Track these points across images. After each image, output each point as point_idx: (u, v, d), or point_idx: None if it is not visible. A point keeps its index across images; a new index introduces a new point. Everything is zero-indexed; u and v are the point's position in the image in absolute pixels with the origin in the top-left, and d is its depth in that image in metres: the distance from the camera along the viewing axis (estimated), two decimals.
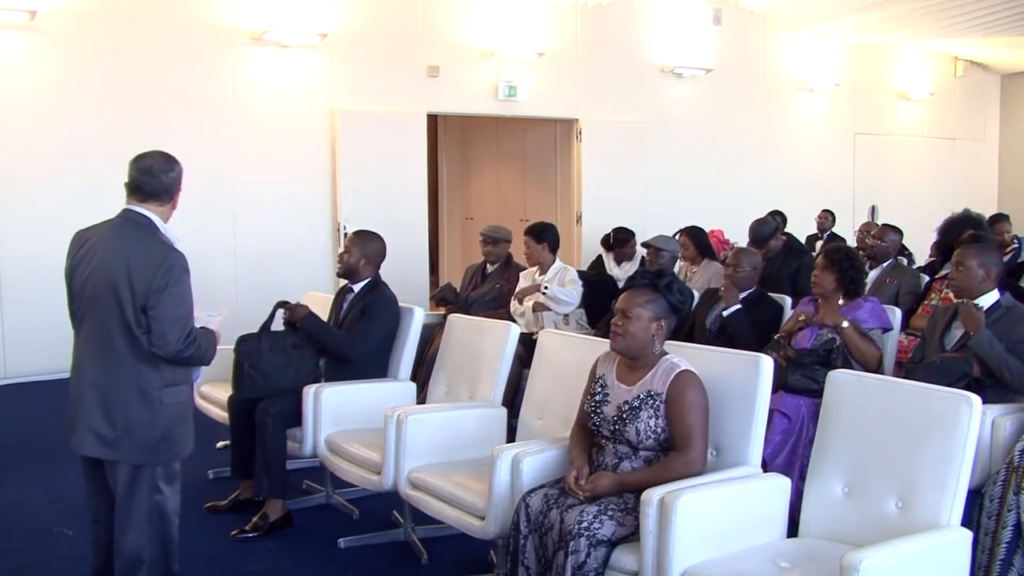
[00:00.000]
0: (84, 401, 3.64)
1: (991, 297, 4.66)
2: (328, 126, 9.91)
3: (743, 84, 12.76)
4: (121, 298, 3.53)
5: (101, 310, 3.59)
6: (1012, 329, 4.51)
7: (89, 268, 3.66)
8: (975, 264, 4.66)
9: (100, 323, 3.60)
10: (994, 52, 14.38)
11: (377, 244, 5.55)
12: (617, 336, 3.71)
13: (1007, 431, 4.25)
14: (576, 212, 11.53)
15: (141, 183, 3.90)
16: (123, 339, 3.56)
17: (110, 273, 3.57)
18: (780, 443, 4.59)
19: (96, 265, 3.64)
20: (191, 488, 5.61)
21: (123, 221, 3.80)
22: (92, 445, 3.64)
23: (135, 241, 3.66)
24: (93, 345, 3.65)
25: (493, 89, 10.84)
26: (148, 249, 3.62)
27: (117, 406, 3.60)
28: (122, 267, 3.55)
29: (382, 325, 5.34)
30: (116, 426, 3.61)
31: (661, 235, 7.27)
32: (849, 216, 13.08)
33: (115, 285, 3.54)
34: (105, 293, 3.57)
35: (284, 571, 4.56)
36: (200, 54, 9.29)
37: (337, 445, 4.88)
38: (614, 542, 3.40)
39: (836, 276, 5.06)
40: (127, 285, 3.53)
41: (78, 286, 3.71)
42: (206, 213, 9.32)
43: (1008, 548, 3.93)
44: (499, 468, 3.82)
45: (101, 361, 3.63)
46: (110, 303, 3.56)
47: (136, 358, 3.58)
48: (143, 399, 3.62)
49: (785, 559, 3.33)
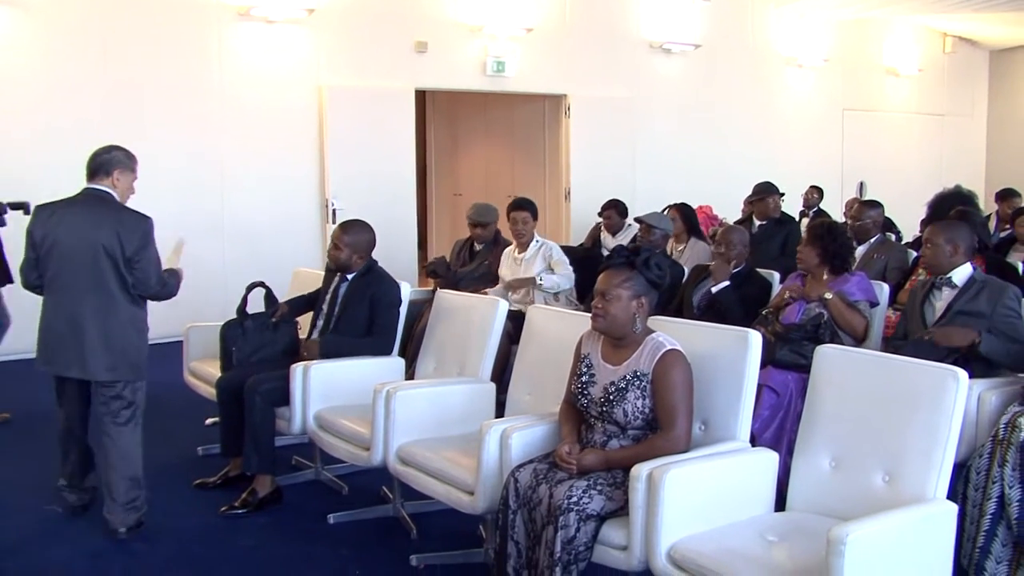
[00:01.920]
0: (85, 338, 4.56)
1: (963, 271, 4.72)
2: (315, 102, 9.86)
3: (732, 60, 12.73)
4: (114, 255, 4.51)
5: (88, 267, 4.53)
6: (993, 304, 4.56)
7: (64, 235, 4.57)
8: (942, 241, 4.73)
9: (91, 277, 4.54)
10: (983, 28, 14.37)
11: (366, 235, 5.37)
12: (598, 317, 3.70)
13: (992, 405, 4.27)
14: (565, 188, 11.51)
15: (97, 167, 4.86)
16: (116, 286, 4.57)
17: (98, 237, 4.52)
18: (768, 418, 4.61)
19: (74, 232, 4.57)
20: (180, 465, 5.66)
21: (91, 197, 4.72)
22: (100, 371, 4.60)
23: (117, 212, 4.67)
24: (83, 294, 4.56)
25: (481, 65, 10.80)
26: (131, 218, 4.65)
27: (116, 337, 4.60)
28: (112, 232, 4.52)
29: (396, 312, 5.30)
30: (115, 352, 4.59)
31: (655, 212, 7.26)
32: (838, 192, 13.09)
33: (106, 246, 4.50)
34: (94, 253, 4.52)
35: (274, 547, 4.57)
36: (186, 30, 9.23)
37: (326, 421, 4.88)
38: (603, 517, 3.42)
39: (819, 251, 5.08)
40: (118, 245, 4.51)
41: (45, 251, 4.61)
42: (193, 190, 9.30)
43: (992, 519, 3.97)
44: (488, 443, 3.82)
45: (98, 304, 4.57)
46: (102, 260, 4.52)
47: (127, 300, 4.62)
48: (134, 330, 4.69)
49: (773, 533, 3.35)
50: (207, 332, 6.07)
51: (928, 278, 4.92)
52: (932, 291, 4.78)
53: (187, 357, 6.02)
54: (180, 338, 6.15)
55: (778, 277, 5.98)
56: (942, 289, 4.74)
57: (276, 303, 5.59)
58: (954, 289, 4.69)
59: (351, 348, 5.17)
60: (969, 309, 4.58)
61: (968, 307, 4.59)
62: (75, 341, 4.57)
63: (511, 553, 3.55)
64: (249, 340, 5.34)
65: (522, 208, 6.92)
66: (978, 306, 4.56)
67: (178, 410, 6.63)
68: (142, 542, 4.58)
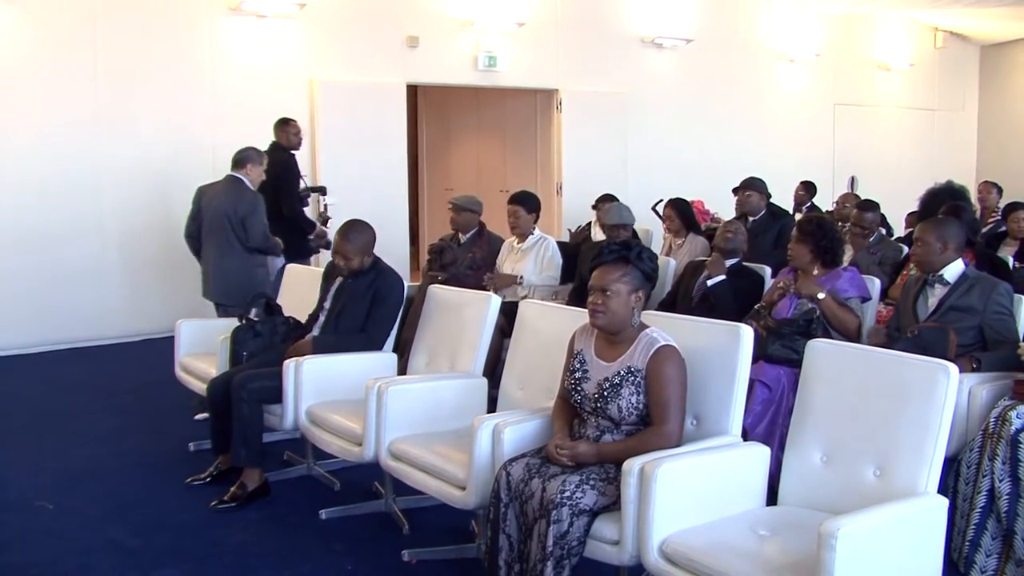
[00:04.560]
0: (212, 273, 6.88)
1: (955, 268, 4.75)
2: (307, 97, 9.85)
3: (723, 54, 12.75)
4: (232, 218, 6.75)
5: (216, 225, 6.81)
6: (985, 300, 4.58)
7: (207, 203, 6.92)
8: (932, 239, 4.75)
9: (218, 231, 6.80)
10: (974, 23, 14.39)
11: (367, 234, 5.30)
12: (597, 313, 3.68)
13: (983, 399, 4.29)
14: (556, 183, 11.52)
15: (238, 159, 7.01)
16: (233, 238, 6.78)
17: (222, 205, 6.82)
18: (760, 412, 4.62)
19: (212, 201, 6.89)
20: (171, 461, 5.65)
21: (228, 180, 6.98)
22: (219, 295, 6.82)
23: (240, 190, 6.86)
24: (213, 243, 6.85)
25: (473, 59, 10.80)
26: (246, 194, 6.85)
27: (231, 273, 6.77)
28: (232, 202, 6.79)
29: (395, 308, 5.29)
30: (230, 284, 6.73)
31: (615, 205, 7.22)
32: (829, 187, 13.10)
33: (227, 212, 6.77)
34: (220, 216, 6.80)
35: (266, 542, 4.57)
36: (178, 25, 9.22)
37: (318, 416, 4.87)
38: (596, 511, 3.42)
39: (811, 248, 5.09)
40: (234, 212, 6.77)
41: (200, 212, 6.95)
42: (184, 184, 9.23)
43: (982, 512, 4.00)
44: (480, 438, 3.82)
45: (220, 250, 6.81)
46: (223, 221, 6.78)
47: (241, 249, 6.79)
48: (246, 270, 6.80)
49: (764, 527, 3.35)
50: (198, 327, 6.08)
51: (920, 274, 4.94)
52: (925, 288, 4.80)
53: (179, 352, 6.00)
54: (171, 333, 6.13)
55: (769, 272, 6.00)
56: (934, 286, 4.77)
57: (277, 313, 5.58)
58: (946, 286, 4.72)
59: (343, 344, 5.16)
60: (961, 305, 4.61)
61: (960, 303, 4.61)
62: (208, 275, 6.92)
63: (503, 546, 3.55)
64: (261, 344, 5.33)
65: (512, 203, 7.01)
66: (970, 302, 4.59)
67: (170, 405, 6.63)
68: (134, 537, 4.57)
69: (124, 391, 7.31)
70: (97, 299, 8.92)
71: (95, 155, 8.87)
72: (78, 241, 8.84)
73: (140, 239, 9.09)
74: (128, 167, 9.00)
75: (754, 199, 7.72)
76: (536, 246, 6.89)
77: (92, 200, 8.88)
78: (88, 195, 8.86)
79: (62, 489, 5.22)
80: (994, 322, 4.55)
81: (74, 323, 8.78)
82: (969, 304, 4.59)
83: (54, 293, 8.70)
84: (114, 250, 9.03)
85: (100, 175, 8.90)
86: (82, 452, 5.85)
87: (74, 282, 8.82)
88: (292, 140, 8.41)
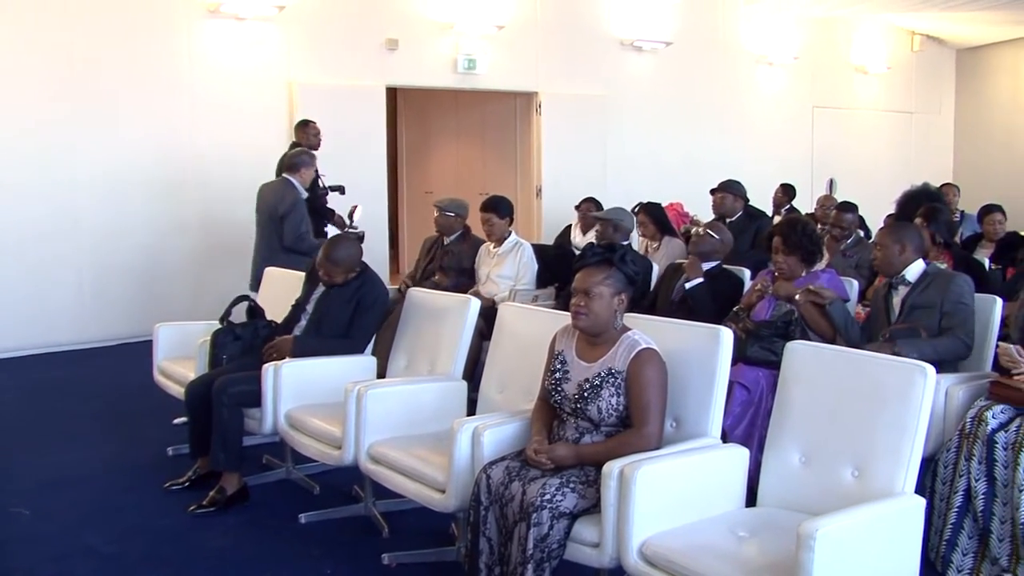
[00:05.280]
0: (257, 269, 7.12)
1: (915, 268, 4.81)
2: (286, 99, 9.83)
3: (703, 57, 12.78)
4: (274, 216, 7.35)
5: (262, 221, 7.54)
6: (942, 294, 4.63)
7: (259, 200, 7.67)
8: (890, 242, 4.83)
9: (264, 227, 7.54)
10: (950, 27, 14.49)
11: (351, 250, 5.28)
12: (581, 315, 3.69)
13: (960, 400, 4.32)
14: (536, 186, 11.52)
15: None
16: (274, 235, 7.35)
17: (267, 203, 7.51)
18: (740, 414, 4.63)
19: (262, 199, 7.65)
20: (150, 465, 5.63)
21: (278, 180, 7.68)
22: (256, 287, 6.75)
23: (285, 190, 7.45)
24: (260, 237, 7.58)
25: (452, 62, 10.79)
26: (289, 194, 7.41)
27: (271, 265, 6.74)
28: (275, 202, 7.40)
29: (379, 317, 5.28)
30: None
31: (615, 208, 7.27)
32: (808, 189, 13.15)
33: (270, 209, 7.41)
34: (266, 213, 7.46)
35: (245, 547, 4.55)
36: (155, 27, 9.18)
37: (297, 420, 4.85)
38: (576, 514, 3.42)
39: (800, 257, 5.08)
40: (275, 210, 7.34)
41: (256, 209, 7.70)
42: (162, 188, 9.25)
43: (959, 512, 4.03)
44: (459, 441, 3.82)
45: (265, 244, 7.48)
46: (266, 217, 7.45)
47: (279, 245, 7.30)
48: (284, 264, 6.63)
49: (743, 528, 3.36)
50: (176, 331, 6.04)
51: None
52: (891, 290, 4.86)
53: (156, 356, 5.97)
54: (149, 337, 6.10)
55: (748, 273, 6.01)
56: (898, 288, 4.83)
57: (258, 316, 5.55)
58: (908, 286, 4.77)
59: (325, 348, 5.14)
60: (921, 302, 4.67)
61: (920, 300, 4.68)
62: (253, 269, 7.40)
63: (483, 549, 3.55)
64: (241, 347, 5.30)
65: (485, 210, 6.99)
66: (929, 298, 4.65)
67: (148, 410, 6.59)
68: (111, 543, 4.55)
69: (102, 395, 7.27)
70: (74, 302, 8.87)
71: (72, 157, 8.82)
72: (54, 243, 8.79)
73: (118, 241, 9.05)
74: (105, 169, 8.96)
75: (728, 201, 7.78)
76: (513, 251, 6.90)
77: (68, 202, 8.83)
78: (64, 197, 8.81)
79: (38, 495, 5.18)
80: (950, 310, 4.60)
81: (51, 327, 8.73)
82: (930, 300, 4.65)
83: (30, 296, 8.66)
84: (90, 253, 8.97)
85: (77, 177, 8.85)
86: (59, 457, 5.81)
87: (50, 285, 8.77)
88: (312, 141, 8.65)
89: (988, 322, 4.72)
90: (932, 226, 6.06)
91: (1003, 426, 3.96)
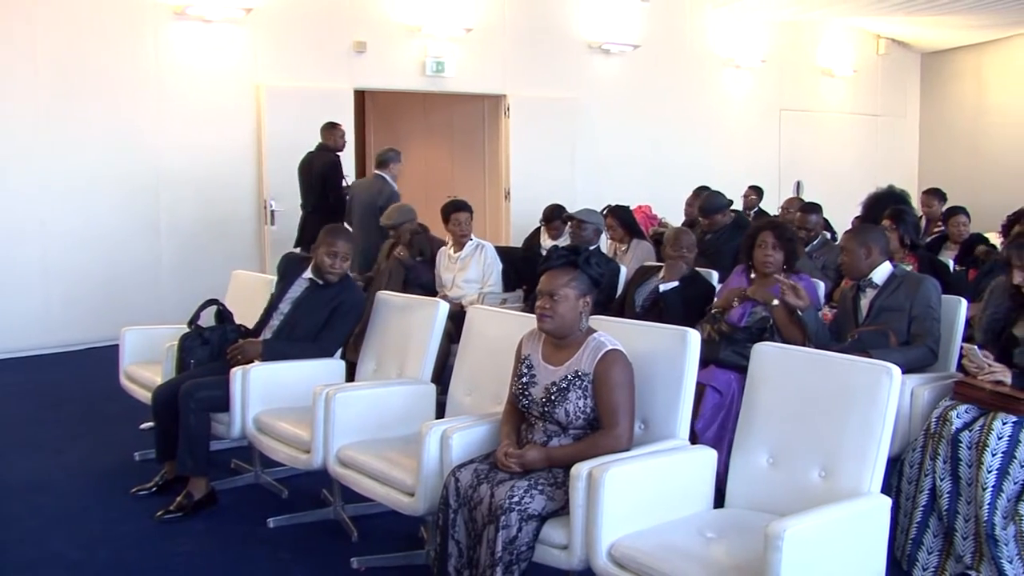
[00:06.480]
0: (363, 255, 8.05)
1: (883, 270, 4.84)
2: (253, 102, 9.79)
3: (670, 60, 12.84)
4: (373, 206, 8.29)
5: (362, 211, 8.57)
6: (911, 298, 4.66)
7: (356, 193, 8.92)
8: (855, 245, 4.86)
9: (363, 215, 8.52)
10: (915, 31, 14.63)
11: (351, 239, 5.40)
12: (545, 317, 3.69)
13: (925, 400, 4.36)
14: (504, 188, 11.53)
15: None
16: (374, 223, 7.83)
17: (365, 196, 8.67)
18: (711, 417, 4.65)
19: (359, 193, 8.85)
20: (117, 471, 5.58)
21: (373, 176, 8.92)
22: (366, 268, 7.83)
23: (381, 185, 8.65)
24: (361, 227, 8.45)
25: (420, 65, 10.78)
26: (385, 188, 8.59)
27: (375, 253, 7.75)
28: (374, 194, 8.52)
29: (353, 325, 5.27)
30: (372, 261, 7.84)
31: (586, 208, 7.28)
32: (775, 192, 13.24)
33: (368, 200, 8.54)
34: (364, 204, 8.53)
35: (213, 552, 4.52)
36: (121, 29, 9.11)
37: (265, 424, 4.83)
38: (544, 516, 3.42)
39: (785, 256, 5.12)
40: (375, 201, 8.34)
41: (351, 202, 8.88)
42: (128, 190, 9.19)
43: (924, 511, 4.07)
44: (428, 444, 3.81)
45: (366, 232, 8.30)
46: (367, 207, 8.50)
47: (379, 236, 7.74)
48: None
49: (711, 529, 3.37)
50: (143, 335, 5.99)
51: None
52: (859, 292, 4.89)
53: (123, 361, 5.92)
54: (115, 341, 6.05)
55: (717, 276, 6.04)
56: (866, 290, 4.85)
57: (227, 321, 5.50)
58: (876, 288, 4.80)
59: (295, 352, 5.11)
60: (890, 305, 4.70)
61: (889, 303, 4.71)
62: (357, 254, 7.28)
63: (452, 552, 3.54)
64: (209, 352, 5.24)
65: (456, 211, 6.98)
66: (898, 301, 4.69)
67: (115, 414, 6.54)
68: (77, 550, 4.50)
69: (68, 400, 7.20)
70: (40, 306, 8.79)
71: (37, 160, 8.74)
72: (20, 247, 8.70)
73: (84, 244, 8.97)
74: (71, 172, 8.88)
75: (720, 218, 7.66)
76: (476, 253, 6.89)
77: (34, 205, 8.74)
78: (30, 200, 8.73)
79: (2, 501, 5.12)
80: (919, 315, 4.63)
81: (17, 331, 8.64)
82: (898, 303, 4.68)
83: None
84: (57, 256, 8.88)
85: (42, 180, 8.76)
86: (24, 463, 5.75)
87: (16, 289, 8.68)
88: (339, 142, 9.30)
89: (953, 323, 4.76)
90: (901, 228, 6.11)
91: (967, 426, 4.00)
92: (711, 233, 7.49)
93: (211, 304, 5.51)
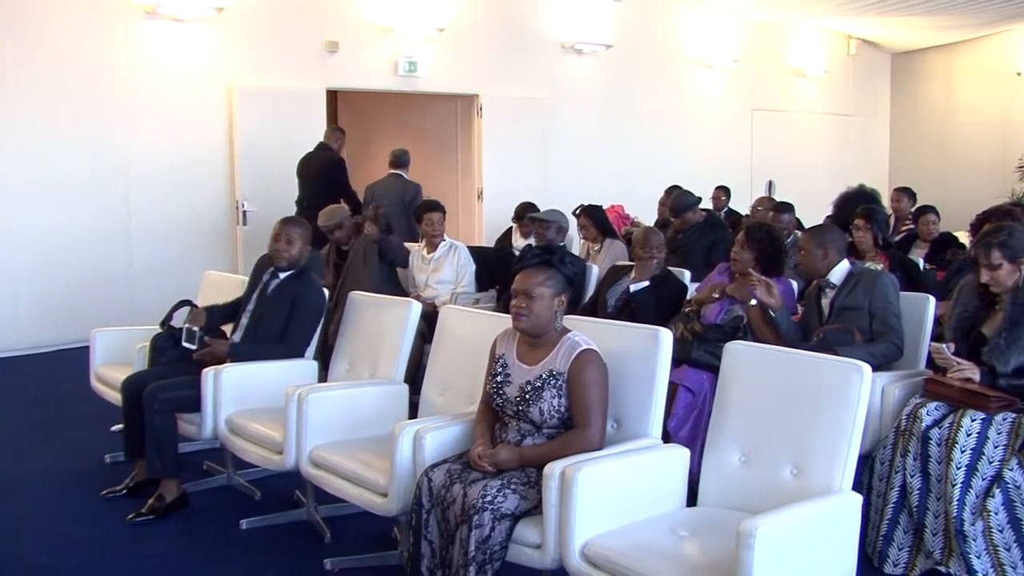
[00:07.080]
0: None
1: (840, 269, 4.87)
2: (225, 102, 9.73)
3: (643, 60, 12.87)
4: (399, 204, 8.83)
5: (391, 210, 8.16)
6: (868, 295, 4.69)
7: (378, 192, 9.12)
8: (812, 246, 4.89)
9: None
10: (885, 31, 14.74)
11: (307, 227, 5.35)
12: (521, 317, 3.69)
13: (895, 397, 4.39)
14: (477, 188, 11.52)
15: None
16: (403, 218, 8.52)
17: (385, 193, 8.95)
18: (684, 416, 4.66)
19: (382, 191, 9.14)
20: (88, 473, 5.54)
21: (391, 176, 9.37)
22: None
23: (403, 183, 9.24)
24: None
25: (393, 65, 10.76)
26: (407, 185, 9.25)
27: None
28: (399, 191, 9.09)
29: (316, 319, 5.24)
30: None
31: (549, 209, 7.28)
32: (747, 191, 13.30)
33: (396, 199, 8.77)
34: (393, 204, 8.59)
35: (185, 554, 4.49)
36: (91, 28, 9.03)
37: (238, 425, 4.81)
38: (517, 516, 3.42)
39: (755, 254, 5.12)
40: (401, 199, 8.99)
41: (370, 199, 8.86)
42: (99, 191, 9.12)
43: (895, 508, 4.10)
44: (401, 445, 3.81)
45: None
46: (395, 206, 8.60)
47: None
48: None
49: (684, 528, 3.39)
50: (114, 337, 5.94)
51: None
52: (820, 292, 4.93)
53: (94, 362, 5.87)
54: (86, 343, 6.00)
55: (689, 275, 6.06)
56: (825, 290, 4.88)
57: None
58: (834, 288, 4.83)
59: (262, 353, 5.07)
60: (848, 304, 4.74)
61: (847, 302, 4.75)
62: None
63: (425, 553, 3.54)
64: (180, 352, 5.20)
65: (431, 210, 6.97)
66: (856, 300, 4.72)
67: (85, 417, 6.49)
68: (46, 554, 4.46)
69: (37, 403, 7.14)
70: (8, 308, 8.70)
71: (5, 161, 8.65)
72: None
73: (53, 245, 8.88)
74: (40, 172, 8.79)
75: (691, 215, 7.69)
76: (449, 254, 6.88)
77: (2, 206, 8.65)
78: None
79: None
80: (879, 312, 4.66)
81: None
82: (856, 302, 4.71)
83: None
84: (25, 257, 8.80)
85: (10, 181, 8.68)
86: None
87: None
88: (340, 147, 9.66)
89: (922, 321, 4.80)
90: (875, 227, 6.15)
91: (937, 423, 4.04)
92: (683, 232, 7.52)
93: (183, 305, 5.49)
